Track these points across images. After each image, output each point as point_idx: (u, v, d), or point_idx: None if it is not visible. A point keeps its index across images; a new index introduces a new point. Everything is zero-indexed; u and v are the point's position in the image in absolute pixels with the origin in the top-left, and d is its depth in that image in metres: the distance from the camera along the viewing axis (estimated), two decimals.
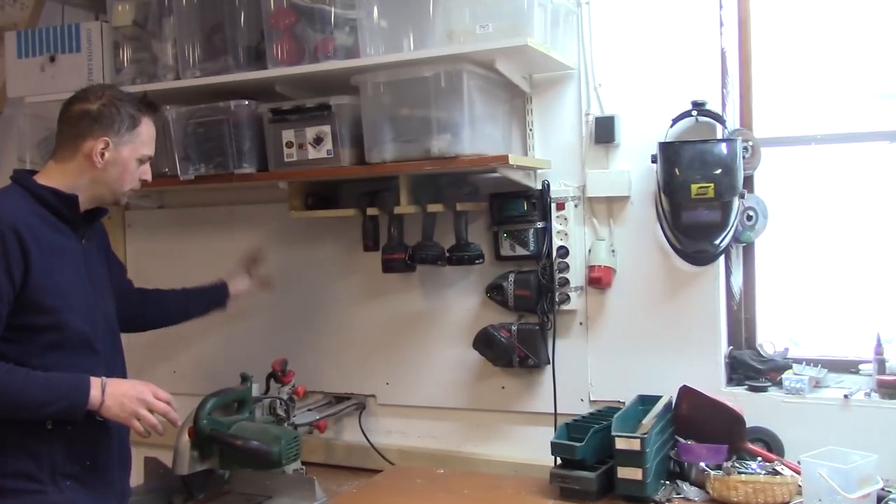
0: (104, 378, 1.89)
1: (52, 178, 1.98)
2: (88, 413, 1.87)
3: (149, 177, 2.10)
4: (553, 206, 2.58)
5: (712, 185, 2.31)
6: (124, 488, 2.13)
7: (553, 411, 2.61)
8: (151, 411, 1.95)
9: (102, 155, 1.96)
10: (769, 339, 2.54)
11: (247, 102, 2.58)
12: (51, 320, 1.89)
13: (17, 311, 1.85)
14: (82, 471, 1.95)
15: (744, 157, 2.38)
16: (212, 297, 2.56)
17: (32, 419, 1.86)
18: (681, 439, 2.32)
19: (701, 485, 2.20)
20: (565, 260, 2.57)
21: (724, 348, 2.50)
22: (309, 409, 2.81)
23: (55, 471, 1.90)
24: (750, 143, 2.44)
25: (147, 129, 2.06)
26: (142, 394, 1.92)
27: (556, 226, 2.58)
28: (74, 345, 1.91)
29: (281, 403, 2.60)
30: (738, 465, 2.20)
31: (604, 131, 2.52)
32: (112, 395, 1.87)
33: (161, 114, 2.53)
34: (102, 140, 1.96)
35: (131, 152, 2.01)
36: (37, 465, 1.88)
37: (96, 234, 2.14)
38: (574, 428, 2.35)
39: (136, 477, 2.50)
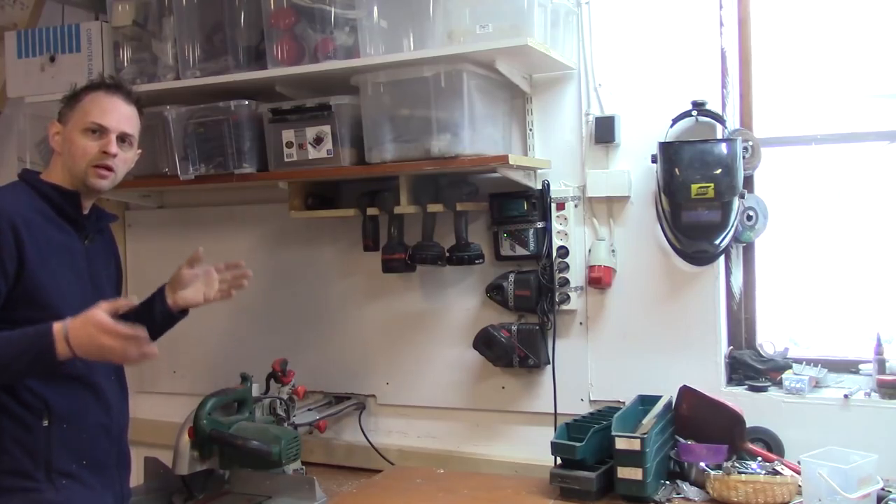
0: (66, 326, 1.75)
1: (52, 175, 2.00)
2: (63, 363, 1.78)
3: (110, 148, 1.97)
4: (553, 206, 2.58)
5: (712, 185, 2.31)
6: (123, 488, 2.11)
7: (553, 411, 2.61)
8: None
9: (56, 138, 2.00)
10: (769, 339, 2.54)
11: (247, 102, 2.58)
12: (46, 316, 1.87)
13: (11, 306, 1.84)
14: (79, 469, 1.94)
15: (744, 157, 2.38)
16: (149, 306, 2.20)
17: (6, 380, 1.82)
18: (681, 439, 2.32)
19: (701, 485, 2.20)
20: (565, 260, 2.57)
21: (724, 348, 2.50)
22: (309, 409, 2.81)
23: (51, 469, 1.89)
24: (750, 143, 2.44)
25: (91, 99, 2.00)
26: (101, 342, 1.75)
27: (556, 226, 2.58)
28: None
29: (281, 403, 2.60)
30: (738, 465, 2.20)
31: (604, 131, 2.53)
32: (79, 346, 1.75)
33: (160, 115, 2.55)
34: (53, 124, 2.01)
35: (74, 125, 1.98)
36: (33, 463, 1.87)
37: (103, 239, 2.14)
38: (574, 428, 2.35)
39: (136, 477, 2.50)
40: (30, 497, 1.87)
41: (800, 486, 2.09)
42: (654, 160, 2.42)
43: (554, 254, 2.58)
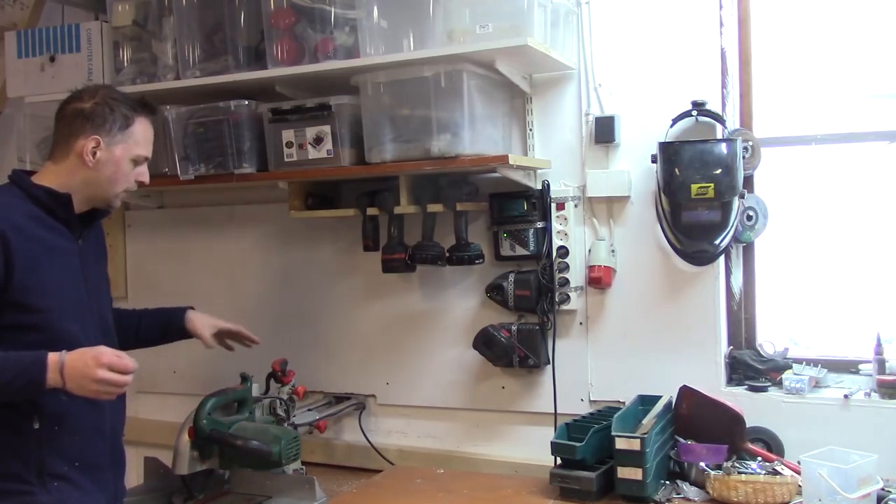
0: (63, 356, 1.79)
1: (48, 177, 1.97)
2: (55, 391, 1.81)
3: (145, 178, 2.07)
4: (553, 206, 2.58)
5: (712, 185, 2.31)
6: (118, 490, 2.10)
7: (553, 411, 2.61)
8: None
9: (94, 154, 1.95)
10: (769, 339, 2.54)
11: (247, 102, 2.58)
12: (36, 319, 1.87)
13: (2, 312, 1.83)
14: (71, 471, 1.92)
15: (744, 157, 2.38)
16: (166, 318, 2.38)
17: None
18: (681, 439, 2.32)
19: (701, 485, 2.20)
20: (565, 260, 2.57)
21: (724, 348, 2.50)
22: (309, 409, 2.81)
23: (43, 471, 1.88)
24: (750, 143, 2.44)
25: (142, 129, 2.03)
26: (95, 375, 1.80)
27: (556, 226, 2.58)
28: (62, 345, 1.86)
29: (281, 403, 2.60)
30: (738, 465, 2.20)
31: (604, 131, 2.52)
32: (71, 377, 1.79)
33: (160, 115, 2.51)
34: (93, 139, 1.95)
35: (124, 152, 1.99)
36: (24, 466, 1.86)
37: (94, 236, 2.13)
38: (574, 428, 2.34)
39: (136, 477, 2.50)
40: (22, 500, 1.85)
41: (800, 486, 2.09)
42: (654, 160, 2.42)
43: (554, 254, 2.58)
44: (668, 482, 2.25)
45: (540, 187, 2.60)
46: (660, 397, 2.36)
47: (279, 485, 2.43)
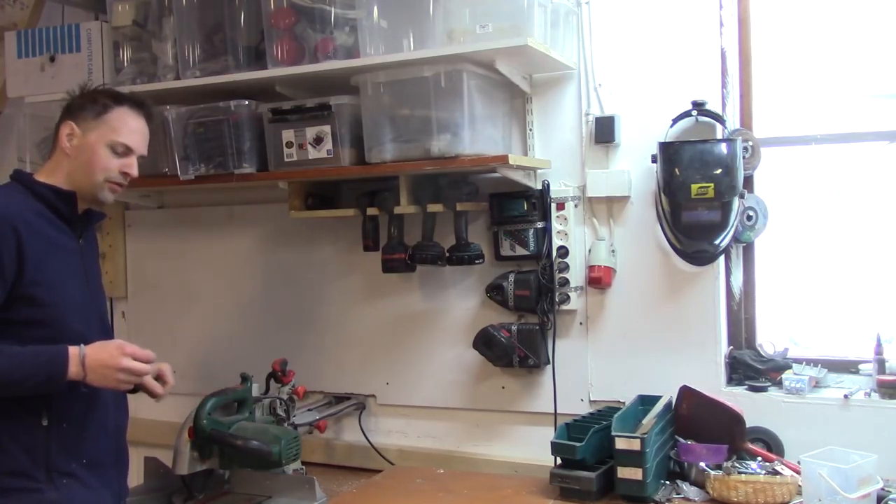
0: (83, 349, 1.83)
1: (45, 175, 1.99)
2: (74, 383, 1.83)
3: (132, 171, 2.03)
4: (553, 206, 2.58)
5: (712, 185, 2.31)
6: (121, 487, 2.11)
7: (553, 411, 2.61)
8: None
9: (70, 140, 1.96)
10: (769, 339, 2.54)
11: (247, 102, 2.58)
12: (43, 315, 1.88)
13: (11, 306, 1.84)
14: (79, 468, 1.94)
15: (744, 157, 2.38)
16: None
17: (12, 395, 1.84)
18: (681, 439, 2.32)
19: (701, 485, 2.20)
20: (565, 260, 2.57)
21: (724, 348, 2.50)
22: (309, 409, 2.81)
23: (51, 468, 1.89)
24: (750, 143, 2.44)
25: (119, 116, 2.01)
26: (120, 364, 1.85)
27: (556, 226, 2.58)
28: (69, 341, 1.87)
29: (281, 403, 2.60)
30: (738, 465, 2.20)
31: (604, 131, 2.53)
32: (93, 368, 1.83)
33: (156, 112, 2.48)
34: (68, 125, 1.97)
35: (98, 138, 1.97)
36: (33, 463, 1.87)
37: (91, 236, 2.14)
38: (574, 428, 2.34)
39: (136, 477, 2.50)
40: (30, 497, 1.87)
41: (800, 486, 2.09)
42: (654, 160, 2.42)
43: (554, 254, 2.58)
44: (668, 482, 2.25)
45: (540, 187, 2.60)
46: (660, 397, 2.36)
47: (279, 485, 2.43)
